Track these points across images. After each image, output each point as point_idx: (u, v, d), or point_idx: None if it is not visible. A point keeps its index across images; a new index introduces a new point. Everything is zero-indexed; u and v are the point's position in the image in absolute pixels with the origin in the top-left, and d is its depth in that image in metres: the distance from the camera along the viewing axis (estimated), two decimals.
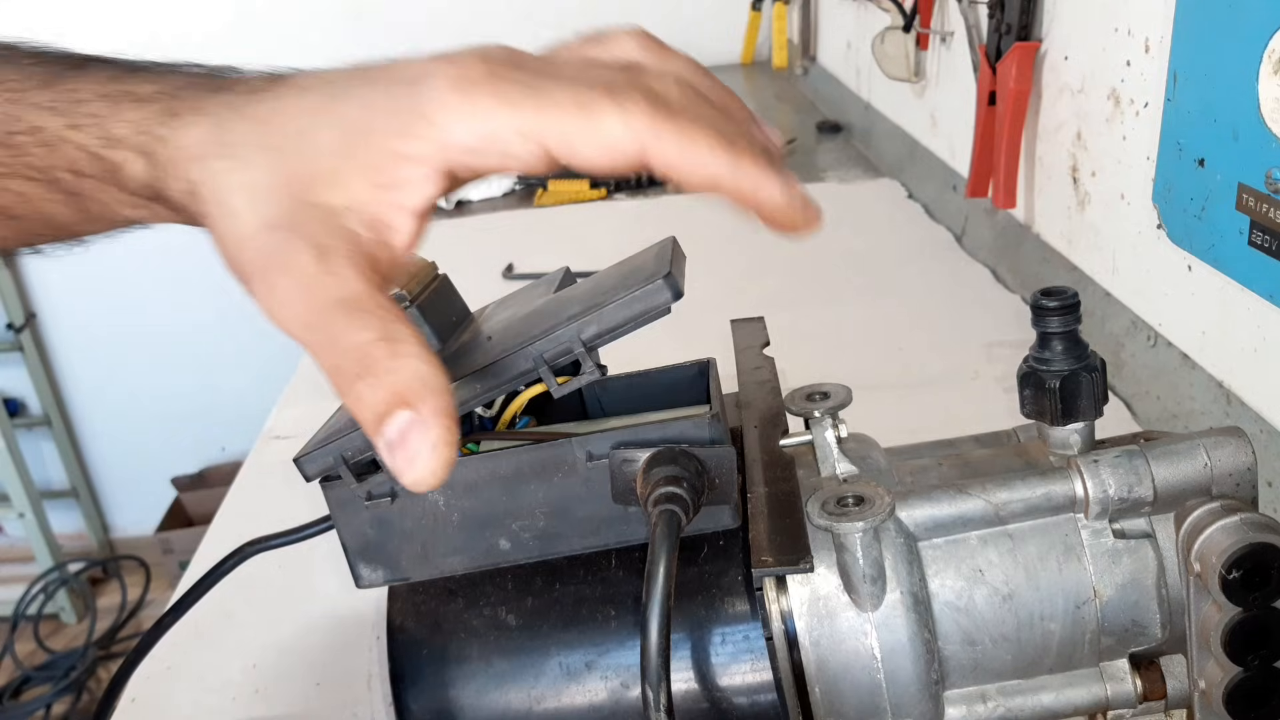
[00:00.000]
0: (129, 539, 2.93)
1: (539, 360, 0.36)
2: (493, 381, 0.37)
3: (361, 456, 0.37)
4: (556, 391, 0.37)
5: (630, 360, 0.44)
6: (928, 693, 0.37)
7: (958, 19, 1.17)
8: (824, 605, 0.37)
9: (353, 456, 0.37)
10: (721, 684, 0.37)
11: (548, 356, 0.36)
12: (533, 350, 0.36)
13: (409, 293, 0.39)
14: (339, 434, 0.37)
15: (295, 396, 1.05)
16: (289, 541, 0.44)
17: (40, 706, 2.30)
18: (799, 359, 0.59)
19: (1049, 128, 1.00)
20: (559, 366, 0.36)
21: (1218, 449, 0.37)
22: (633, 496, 0.36)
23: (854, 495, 0.37)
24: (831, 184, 1.58)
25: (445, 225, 1.52)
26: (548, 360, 0.36)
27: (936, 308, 1.11)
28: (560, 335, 0.36)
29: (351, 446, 0.37)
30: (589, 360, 0.36)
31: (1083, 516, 0.38)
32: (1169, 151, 0.76)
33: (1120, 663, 0.39)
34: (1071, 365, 0.38)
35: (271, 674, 0.68)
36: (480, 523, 0.38)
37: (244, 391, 2.59)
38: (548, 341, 0.36)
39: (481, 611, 0.39)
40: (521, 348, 0.37)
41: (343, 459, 0.37)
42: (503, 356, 0.37)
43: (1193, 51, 0.72)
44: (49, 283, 2.74)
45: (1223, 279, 0.71)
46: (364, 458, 0.37)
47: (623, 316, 0.36)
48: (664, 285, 0.35)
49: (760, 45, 2.47)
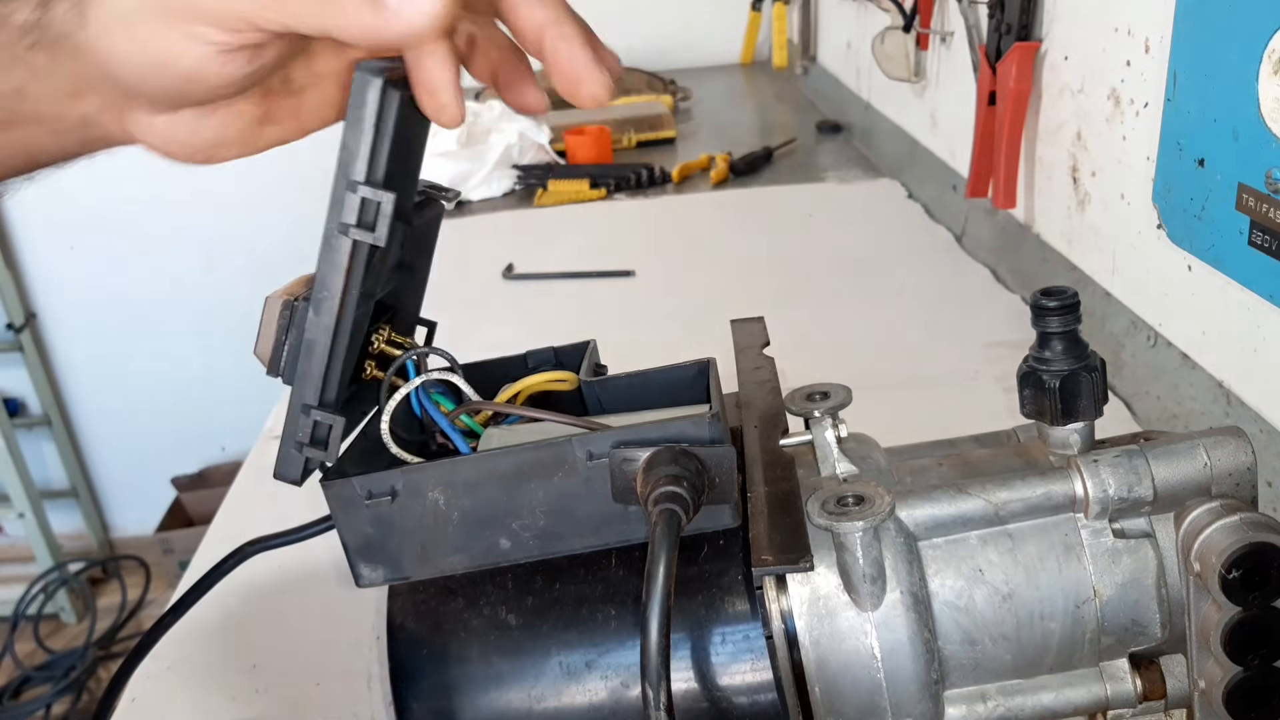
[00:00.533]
0: (129, 539, 2.93)
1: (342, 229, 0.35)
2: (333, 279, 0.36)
3: (311, 429, 0.37)
4: (379, 240, 0.35)
5: (630, 360, 0.45)
6: (928, 692, 0.37)
7: (958, 19, 1.17)
8: (824, 604, 0.37)
9: (305, 436, 0.37)
10: (721, 683, 0.37)
11: (346, 219, 0.35)
12: (331, 226, 0.35)
13: (293, 294, 0.38)
14: (285, 430, 0.37)
15: None
16: (289, 541, 0.44)
17: (40, 706, 2.30)
18: (799, 359, 0.59)
19: (1049, 128, 1.00)
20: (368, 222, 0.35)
21: (1217, 449, 0.37)
22: (633, 496, 0.36)
23: (854, 495, 0.37)
24: (831, 184, 1.58)
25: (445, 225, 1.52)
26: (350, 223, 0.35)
27: (936, 308, 1.11)
28: (336, 195, 0.35)
29: (296, 428, 0.37)
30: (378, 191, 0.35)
31: (1083, 516, 0.38)
32: (1169, 151, 0.76)
33: (1120, 662, 0.39)
34: (1071, 365, 0.38)
35: (271, 674, 0.68)
36: (480, 522, 0.38)
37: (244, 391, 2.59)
38: (333, 209, 0.35)
39: (482, 611, 0.39)
40: (324, 235, 0.35)
41: (299, 444, 0.37)
42: (321, 255, 0.36)
43: (1193, 51, 0.72)
44: (49, 283, 2.74)
45: (1223, 279, 0.71)
46: (314, 429, 0.37)
47: (361, 133, 0.35)
48: (362, 74, 0.34)
49: (760, 45, 2.47)
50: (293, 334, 0.37)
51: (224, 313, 2.72)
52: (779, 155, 1.72)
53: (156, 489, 2.81)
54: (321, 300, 0.36)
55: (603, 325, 0.63)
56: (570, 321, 1.13)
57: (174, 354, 2.77)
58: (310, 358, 0.37)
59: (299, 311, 0.37)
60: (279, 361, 0.37)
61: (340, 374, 0.37)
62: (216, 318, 2.72)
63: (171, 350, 2.77)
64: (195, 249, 2.67)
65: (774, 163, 1.70)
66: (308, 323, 0.36)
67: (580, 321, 1.13)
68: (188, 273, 2.70)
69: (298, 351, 0.37)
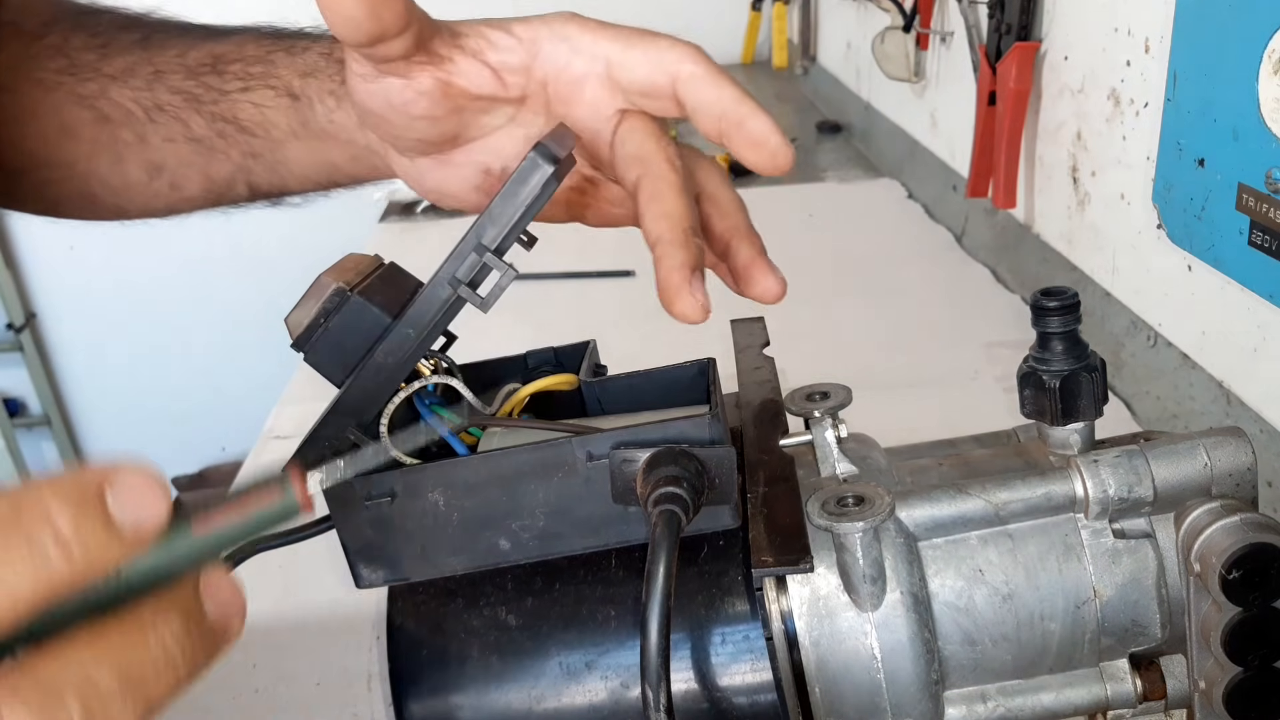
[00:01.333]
0: None
1: (453, 282, 0.37)
2: (422, 320, 0.38)
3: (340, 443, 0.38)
4: (481, 305, 0.37)
5: (630, 360, 0.44)
6: (928, 693, 0.37)
7: (958, 19, 1.17)
8: (824, 605, 0.37)
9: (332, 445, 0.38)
10: (721, 684, 0.37)
11: (460, 275, 0.37)
12: (443, 275, 0.37)
13: (348, 283, 0.39)
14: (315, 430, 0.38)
15: (295, 396, 1.04)
16: (289, 541, 0.44)
17: None
18: (799, 359, 0.59)
19: (1049, 128, 1.00)
20: (478, 283, 0.38)
21: (1218, 449, 0.37)
22: (633, 496, 0.36)
23: (854, 495, 0.37)
24: (831, 184, 1.58)
25: (446, 225, 1.52)
26: (461, 279, 0.37)
27: (936, 308, 1.11)
28: (461, 251, 0.37)
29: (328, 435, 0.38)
30: (499, 262, 0.37)
31: (1083, 516, 0.38)
32: (1169, 151, 0.76)
33: (1120, 663, 0.39)
34: (1071, 365, 0.38)
35: (271, 674, 0.68)
36: (480, 523, 0.38)
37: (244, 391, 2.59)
38: (453, 261, 0.37)
39: (481, 611, 0.39)
40: (435, 279, 0.37)
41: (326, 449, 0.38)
42: (422, 294, 0.37)
43: (1193, 51, 0.72)
44: (49, 283, 2.74)
45: (1223, 279, 0.71)
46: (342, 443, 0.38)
47: (512, 207, 0.37)
48: (536, 157, 0.36)
49: (760, 45, 2.47)
50: (335, 321, 0.38)
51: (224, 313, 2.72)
52: None
53: None
54: (406, 335, 0.38)
55: (603, 325, 0.63)
56: (570, 321, 1.13)
57: (174, 354, 2.77)
58: (369, 378, 0.38)
59: (349, 304, 0.38)
60: (308, 340, 0.38)
61: (386, 400, 0.38)
62: (217, 318, 2.72)
63: (172, 350, 2.77)
64: (195, 249, 2.67)
65: None
66: (380, 349, 0.38)
67: (580, 321, 1.13)
68: (188, 273, 2.69)
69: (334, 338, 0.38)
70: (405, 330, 0.38)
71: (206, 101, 0.47)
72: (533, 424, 0.41)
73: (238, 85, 0.47)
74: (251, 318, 2.66)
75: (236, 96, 0.47)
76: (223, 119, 0.47)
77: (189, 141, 0.48)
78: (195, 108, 0.47)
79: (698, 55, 0.42)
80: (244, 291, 2.65)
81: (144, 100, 0.48)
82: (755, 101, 0.41)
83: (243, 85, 0.47)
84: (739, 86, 0.42)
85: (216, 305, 2.70)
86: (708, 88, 0.41)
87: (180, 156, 0.48)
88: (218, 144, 0.48)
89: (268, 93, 0.46)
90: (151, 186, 0.49)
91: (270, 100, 0.46)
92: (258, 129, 0.47)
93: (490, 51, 0.41)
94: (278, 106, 0.46)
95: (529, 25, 0.42)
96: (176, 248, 2.66)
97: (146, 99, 0.48)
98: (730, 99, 0.41)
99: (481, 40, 0.41)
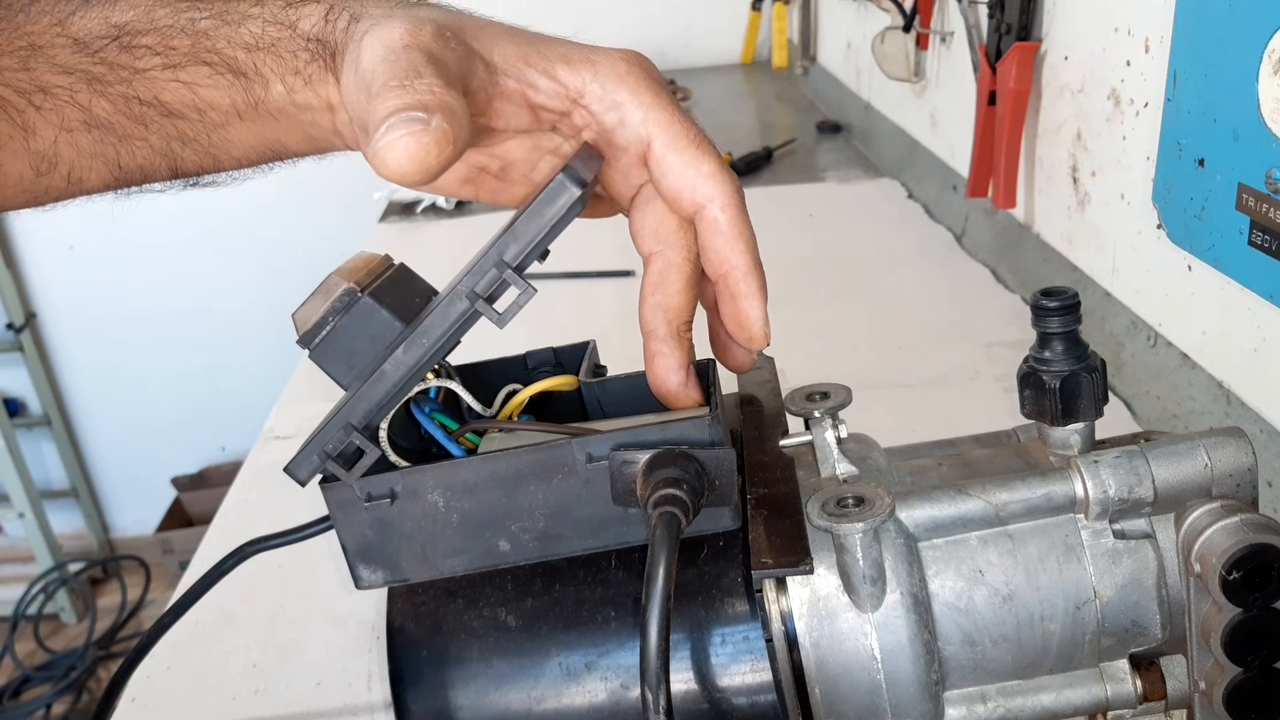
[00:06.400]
0: (129, 539, 2.93)
1: (472, 296, 0.37)
2: (435, 331, 0.37)
3: (344, 446, 0.37)
4: (498, 321, 0.37)
5: (630, 361, 0.44)
6: (928, 693, 0.37)
7: (958, 19, 1.17)
8: (824, 606, 0.37)
9: (335, 449, 0.37)
10: (721, 685, 0.37)
11: (479, 289, 0.37)
12: (462, 288, 0.37)
13: (359, 283, 0.38)
14: (318, 431, 0.37)
15: (295, 396, 1.05)
16: (289, 541, 0.44)
17: (40, 706, 2.30)
18: (799, 359, 0.59)
19: (1049, 128, 1.00)
20: (495, 298, 0.37)
21: (1218, 449, 0.37)
22: (633, 498, 0.36)
23: (854, 496, 0.36)
24: (831, 184, 1.58)
25: (446, 225, 1.52)
26: (480, 293, 0.37)
27: (936, 308, 1.11)
28: (482, 265, 0.37)
29: (331, 439, 0.37)
30: (518, 280, 0.37)
31: (1083, 517, 0.38)
32: (1169, 151, 0.76)
33: (1120, 663, 0.39)
34: (1071, 365, 0.38)
35: (271, 674, 0.68)
36: (480, 524, 0.38)
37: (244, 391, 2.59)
38: (472, 275, 0.37)
39: (481, 612, 0.39)
40: (453, 290, 0.37)
41: (325, 454, 0.37)
42: (438, 305, 0.37)
43: (1193, 51, 0.72)
44: (49, 283, 2.74)
45: (1222, 279, 0.71)
46: (346, 447, 0.37)
47: (536, 226, 0.37)
48: (565, 180, 0.36)
49: (760, 45, 2.47)
50: (343, 321, 0.38)
51: (225, 313, 2.72)
52: (779, 155, 1.72)
53: (156, 489, 2.82)
54: (418, 344, 0.37)
55: (603, 325, 0.63)
56: (570, 321, 1.13)
57: (174, 354, 2.77)
58: (378, 385, 0.37)
59: (359, 305, 0.37)
60: (314, 337, 0.38)
61: (391, 408, 0.38)
62: (217, 318, 2.73)
63: (172, 350, 2.77)
64: (196, 249, 2.67)
65: (774, 163, 1.70)
66: (391, 358, 0.37)
67: (580, 321, 1.13)
68: (188, 273, 2.70)
69: (341, 339, 0.38)
70: (419, 340, 0.37)
71: (113, 82, 0.40)
72: (532, 426, 0.41)
73: (157, 62, 0.40)
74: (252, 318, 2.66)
75: (156, 75, 0.40)
76: (139, 101, 0.40)
77: (91, 129, 0.40)
78: (98, 90, 0.40)
79: (730, 199, 0.39)
80: (244, 292, 2.66)
81: (19, 83, 0.39)
82: (760, 275, 0.40)
83: (164, 62, 0.40)
84: (753, 252, 0.40)
85: (217, 305, 2.71)
86: (725, 242, 0.39)
87: (80, 147, 0.41)
88: (132, 129, 0.41)
89: (202, 69, 0.40)
90: (41, 182, 0.42)
91: (206, 79, 0.40)
92: (189, 111, 0.41)
93: (531, 93, 0.39)
94: (216, 85, 0.40)
95: (577, 72, 0.39)
96: (177, 248, 2.67)
97: (23, 81, 0.39)
98: (740, 267, 0.40)
99: (523, 83, 0.39)
